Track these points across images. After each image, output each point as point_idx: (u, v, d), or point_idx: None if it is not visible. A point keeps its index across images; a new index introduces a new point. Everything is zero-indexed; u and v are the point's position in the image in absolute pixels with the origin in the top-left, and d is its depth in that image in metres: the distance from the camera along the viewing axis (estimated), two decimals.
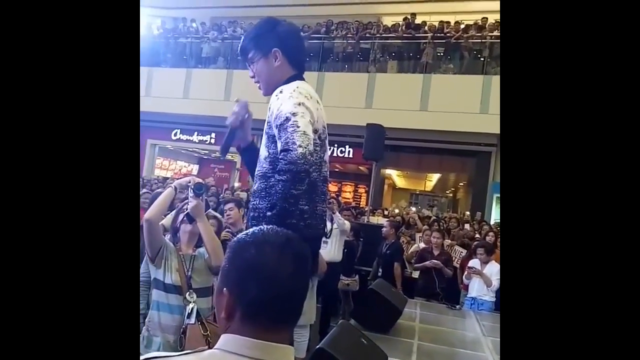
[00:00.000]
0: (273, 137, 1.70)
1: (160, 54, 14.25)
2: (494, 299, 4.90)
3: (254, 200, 1.75)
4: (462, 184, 15.46)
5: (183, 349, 2.14)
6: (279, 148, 1.62)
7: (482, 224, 8.69)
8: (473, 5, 13.39)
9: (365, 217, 7.89)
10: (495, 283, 4.85)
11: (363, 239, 6.24)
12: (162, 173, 15.33)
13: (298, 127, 1.60)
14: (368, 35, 12.33)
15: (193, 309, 2.24)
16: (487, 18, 11.51)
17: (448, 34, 11.57)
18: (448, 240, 6.42)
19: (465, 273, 5.26)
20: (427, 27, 12.02)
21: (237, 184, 11.21)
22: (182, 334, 2.22)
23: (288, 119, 1.62)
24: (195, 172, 16.69)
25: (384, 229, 5.95)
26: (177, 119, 13.69)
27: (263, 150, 1.78)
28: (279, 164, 1.59)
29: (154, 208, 2.30)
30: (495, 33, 10.86)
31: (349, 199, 14.26)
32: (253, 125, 1.96)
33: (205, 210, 2.47)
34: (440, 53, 11.82)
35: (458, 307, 4.44)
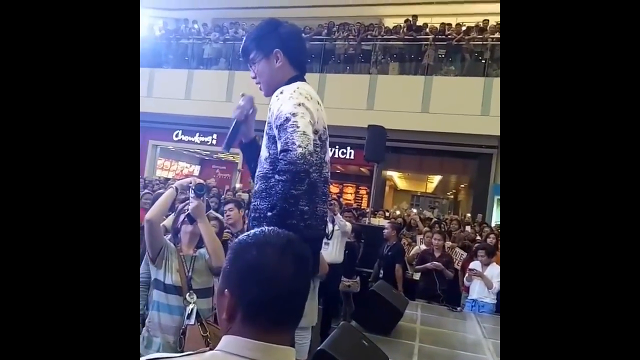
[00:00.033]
0: (273, 137, 1.70)
1: (162, 55, 14.26)
2: (495, 301, 4.90)
3: (255, 201, 1.76)
4: (463, 186, 15.45)
5: (182, 350, 2.14)
6: (279, 148, 1.62)
7: (483, 226, 8.68)
8: (474, 8, 13.40)
9: (367, 218, 7.88)
10: (496, 285, 4.85)
11: (364, 241, 6.24)
12: (163, 174, 15.34)
13: (298, 127, 1.60)
14: (369, 37, 12.33)
15: (193, 310, 2.24)
16: (488, 20, 11.51)
17: (449, 36, 11.56)
18: (449, 242, 6.41)
19: (466, 275, 5.26)
20: (428, 29, 12.02)
21: (238, 185, 11.21)
22: (181, 335, 2.22)
23: (288, 120, 1.62)
24: (197, 173, 16.69)
25: (385, 231, 5.94)
26: (178, 120, 13.69)
27: (264, 151, 1.78)
28: (279, 165, 1.59)
29: (155, 208, 2.31)
30: (497, 35, 10.84)
31: (350, 201, 14.24)
32: (254, 127, 1.96)
33: (206, 211, 2.46)
34: (442, 55, 11.81)
35: (459, 309, 4.43)
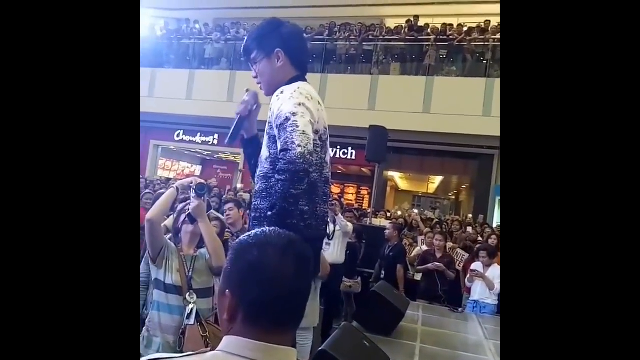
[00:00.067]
0: (274, 137, 1.70)
1: (164, 55, 14.27)
2: (497, 302, 4.89)
3: (256, 201, 1.76)
4: (464, 187, 15.44)
5: (182, 350, 2.13)
6: (279, 148, 1.62)
7: (484, 227, 8.67)
8: (476, 8, 13.40)
9: (368, 219, 7.87)
10: (498, 286, 4.84)
11: (365, 241, 6.23)
12: (165, 174, 15.36)
13: (297, 126, 1.60)
14: (371, 38, 12.33)
15: (192, 310, 2.24)
16: (490, 21, 11.51)
17: (451, 37, 11.56)
18: (450, 243, 6.40)
19: (468, 276, 5.25)
20: (430, 29, 12.03)
21: (240, 185, 11.22)
22: (181, 335, 2.21)
23: (288, 119, 1.62)
24: (198, 173, 16.72)
25: (387, 231, 5.93)
26: (180, 120, 13.70)
27: (264, 151, 1.79)
28: (279, 164, 1.59)
29: (156, 208, 2.31)
30: (498, 36, 10.82)
31: (352, 201, 14.25)
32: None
33: (208, 211, 2.46)
34: (443, 55, 11.80)
35: (460, 309, 4.41)
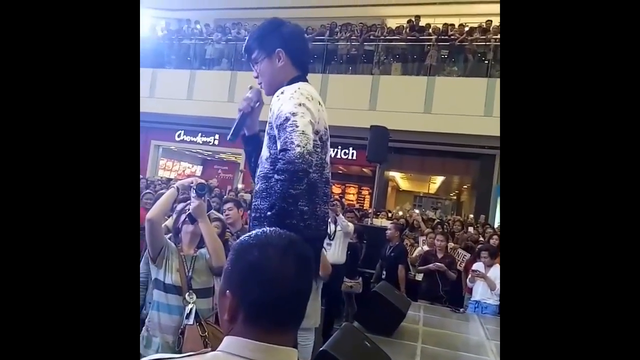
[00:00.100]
0: (274, 137, 1.70)
1: (164, 56, 14.27)
2: (498, 303, 4.88)
3: (256, 201, 1.76)
4: (465, 187, 15.44)
5: (181, 350, 2.13)
6: (278, 148, 1.62)
7: (485, 227, 8.67)
8: (477, 8, 13.38)
9: (369, 219, 7.87)
10: (499, 286, 4.83)
11: (366, 241, 6.23)
12: (165, 174, 15.37)
13: (297, 126, 1.60)
14: (372, 38, 12.32)
15: (192, 310, 2.23)
16: (491, 21, 11.49)
17: (452, 37, 11.54)
18: (452, 243, 6.39)
19: (469, 276, 5.24)
20: (431, 29, 12.01)
21: (240, 185, 11.21)
22: (180, 335, 2.21)
23: (287, 119, 1.62)
24: (199, 173, 16.73)
25: (388, 231, 5.93)
26: (180, 120, 13.71)
27: (264, 151, 1.79)
28: (278, 164, 1.59)
29: (156, 208, 2.31)
30: (499, 36, 10.82)
31: (353, 201, 14.25)
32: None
33: (208, 212, 2.46)
34: (444, 55, 11.79)
35: (462, 310, 4.40)
